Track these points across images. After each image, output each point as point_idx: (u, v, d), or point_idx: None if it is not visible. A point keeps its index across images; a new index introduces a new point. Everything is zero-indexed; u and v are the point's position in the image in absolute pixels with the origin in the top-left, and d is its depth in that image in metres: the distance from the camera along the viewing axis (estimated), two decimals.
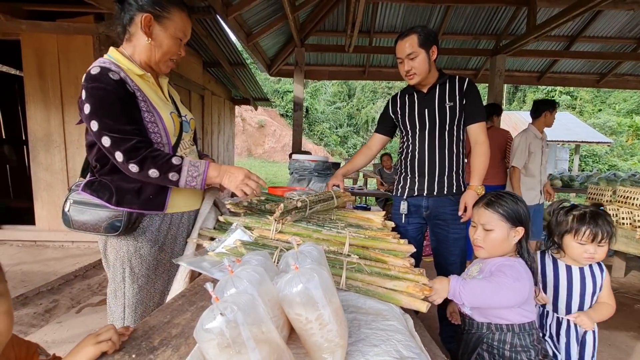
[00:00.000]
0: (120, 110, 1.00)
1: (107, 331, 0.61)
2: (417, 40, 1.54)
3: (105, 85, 0.99)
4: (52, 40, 3.55)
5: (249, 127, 18.72)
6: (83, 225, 1.05)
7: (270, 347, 0.52)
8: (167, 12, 1.06)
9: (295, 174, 2.32)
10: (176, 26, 1.09)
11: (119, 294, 1.11)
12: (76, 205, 1.05)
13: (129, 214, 1.04)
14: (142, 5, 1.04)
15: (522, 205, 1.12)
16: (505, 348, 1.07)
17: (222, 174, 1.09)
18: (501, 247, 1.12)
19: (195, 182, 1.05)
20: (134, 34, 1.07)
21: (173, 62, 1.15)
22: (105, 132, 0.98)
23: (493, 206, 1.12)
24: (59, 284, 2.84)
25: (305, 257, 0.69)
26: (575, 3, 3.58)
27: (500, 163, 3.45)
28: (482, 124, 1.65)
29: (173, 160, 1.03)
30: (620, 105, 20.96)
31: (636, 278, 3.37)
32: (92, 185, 1.07)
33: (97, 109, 0.98)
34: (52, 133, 3.67)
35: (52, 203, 3.76)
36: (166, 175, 1.01)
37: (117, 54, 1.09)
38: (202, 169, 1.05)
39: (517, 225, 1.10)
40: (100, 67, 1.01)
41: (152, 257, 1.12)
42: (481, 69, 6.52)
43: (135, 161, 0.99)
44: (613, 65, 6.28)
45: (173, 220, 1.16)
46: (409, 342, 0.70)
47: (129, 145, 0.98)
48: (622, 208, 3.08)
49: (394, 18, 5.36)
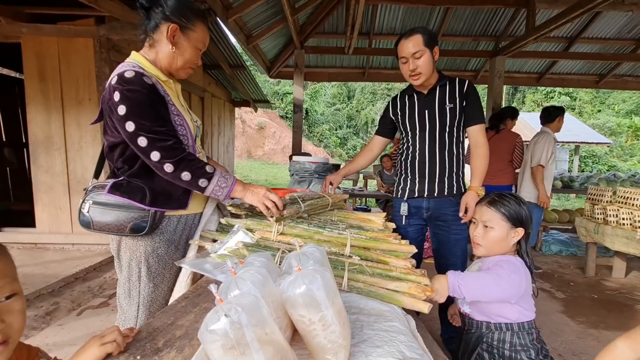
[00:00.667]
0: (156, 113, 1.04)
1: (111, 333, 0.62)
2: (422, 39, 1.55)
3: (141, 88, 1.02)
4: (53, 43, 3.56)
5: (249, 128, 18.74)
6: (106, 226, 1.06)
7: (274, 347, 0.52)
8: (192, 24, 1.11)
9: (296, 176, 2.32)
10: (198, 37, 1.14)
11: (134, 293, 1.13)
12: (97, 207, 1.07)
13: (154, 214, 1.08)
14: (169, 16, 1.07)
15: (525, 208, 1.14)
16: (504, 347, 1.07)
17: (245, 190, 1.14)
18: (499, 246, 1.14)
19: (221, 193, 1.09)
20: (158, 41, 1.11)
21: (191, 70, 1.21)
22: (142, 132, 1.01)
23: (496, 205, 1.14)
24: (60, 286, 2.84)
25: (308, 259, 0.69)
26: (575, 4, 3.59)
27: (508, 164, 3.48)
28: (481, 126, 1.66)
29: (207, 168, 1.07)
30: (620, 106, 20.99)
31: (637, 279, 3.36)
32: (121, 187, 1.08)
33: (134, 110, 1.01)
34: (52, 135, 3.67)
35: (53, 205, 3.76)
36: (197, 181, 1.06)
37: (141, 59, 1.12)
38: (230, 182, 1.11)
39: (517, 226, 1.12)
40: (134, 71, 1.04)
41: (169, 257, 1.16)
42: (481, 70, 6.54)
43: (171, 161, 1.02)
44: (612, 66, 6.29)
45: (187, 221, 1.21)
46: (412, 343, 0.70)
47: (166, 145, 1.02)
48: (623, 209, 3.08)
49: (393, 20, 5.37)
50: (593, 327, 2.43)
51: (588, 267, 3.52)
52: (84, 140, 3.68)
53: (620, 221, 3.07)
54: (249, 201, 1.14)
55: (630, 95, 20.49)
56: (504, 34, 5.45)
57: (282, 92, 21.18)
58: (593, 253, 3.51)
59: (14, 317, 0.54)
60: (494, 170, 3.48)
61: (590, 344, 2.20)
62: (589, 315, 2.61)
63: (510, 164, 3.48)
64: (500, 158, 3.41)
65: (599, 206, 3.34)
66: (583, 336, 2.30)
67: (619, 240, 3.04)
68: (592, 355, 2.08)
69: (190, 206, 1.19)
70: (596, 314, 2.64)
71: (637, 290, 3.14)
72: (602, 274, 3.52)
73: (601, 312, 2.67)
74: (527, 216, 1.12)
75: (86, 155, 3.69)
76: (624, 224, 3.03)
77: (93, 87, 3.57)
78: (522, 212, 1.12)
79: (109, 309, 2.52)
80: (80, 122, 3.65)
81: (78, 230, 3.77)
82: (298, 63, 5.55)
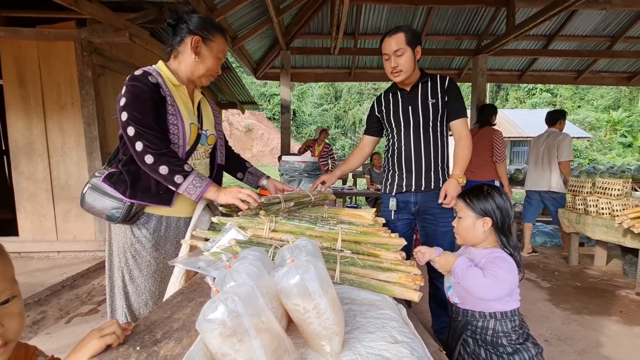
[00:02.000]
0: (150, 108, 1.13)
1: (110, 325, 0.62)
2: (404, 38, 1.60)
3: (142, 85, 1.13)
4: (33, 47, 3.48)
5: (237, 131, 18.62)
6: (91, 208, 1.19)
7: (271, 334, 0.54)
8: (213, 36, 1.24)
9: (286, 176, 2.33)
10: (218, 47, 1.27)
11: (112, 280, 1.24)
12: (91, 191, 1.20)
13: (128, 207, 1.16)
14: (192, 30, 1.21)
15: (492, 200, 1.18)
16: (487, 334, 1.13)
17: (218, 192, 1.20)
18: (469, 235, 1.22)
19: (194, 192, 1.16)
20: (182, 52, 1.24)
21: (213, 77, 1.33)
22: (132, 122, 1.10)
23: (463, 197, 1.24)
24: (46, 294, 2.78)
25: (301, 251, 0.71)
26: (552, 3, 3.72)
27: (488, 159, 3.60)
28: (464, 120, 1.71)
29: (185, 167, 1.14)
30: (598, 102, 21.73)
31: (617, 266, 3.50)
32: (111, 177, 1.20)
33: (131, 102, 1.12)
34: (34, 141, 3.58)
35: (36, 213, 3.67)
36: (173, 176, 1.12)
37: (162, 66, 1.25)
38: (204, 183, 1.17)
39: (483, 216, 1.19)
40: (143, 71, 1.17)
41: (147, 253, 1.22)
42: (464, 68, 6.68)
43: (152, 153, 1.10)
44: (589, 62, 6.52)
45: (171, 223, 1.26)
46: (403, 329, 0.73)
47: (151, 137, 1.10)
48: (602, 199, 3.20)
49: (378, 20, 5.44)
50: (577, 313, 2.52)
51: (571, 256, 3.65)
52: (67, 146, 3.60)
53: (600, 211, 3.19)
54: (223, 201, 1.19)
55: (607, 91, 21.23)
56: (485, 33, 5.58)
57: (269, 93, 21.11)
58: (575, 243, 3.63)
59: (13, 320, 0.54)
60: (474, 165, 3.62)
61: (575, 329, 2.29)
62: (572, 302, 2.71)
63: (491, 159, 3.59)
64: (479, 153, 3.55)
65: (580, 197, 3.46)
66: (567, 322, 2.39)
67: (599, 229, 3.16)
68: (576, 340, 2.17)
69: (175, 206, 1.24)
70: (579, 300, 2.74)
71: (617, 276, 3.27)
72: (584, 263, 3.65)
73: (584, 298, 2.77)
74: (493, 207, 1.18)
75: (70, 160, 3.62)
76: (603, 214, 3.15)
77: (75, 91, 3.50)
78: (486, 204, 1.18)
79: (99, 315, 2.47)
80: (63, 127, 3.57)
81: (63, 238, 3.69)
82: (284, 64, 5.56)
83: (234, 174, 1.58)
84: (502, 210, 1.18)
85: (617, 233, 2.93)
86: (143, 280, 1.22)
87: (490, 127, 3.69)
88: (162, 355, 0.60)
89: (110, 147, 3.73)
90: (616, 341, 2.15)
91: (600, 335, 2.21)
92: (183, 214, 1.28)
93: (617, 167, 6.35)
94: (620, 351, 2.04)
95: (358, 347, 0.66)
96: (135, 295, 1.22)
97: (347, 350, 0.65)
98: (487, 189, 1.22)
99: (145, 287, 1.23)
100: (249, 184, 1.59)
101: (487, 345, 1.13)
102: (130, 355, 0.60)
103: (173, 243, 1.27)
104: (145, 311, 1.22)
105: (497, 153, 3.55)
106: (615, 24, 5.56)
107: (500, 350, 1.11)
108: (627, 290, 2.91)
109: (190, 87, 1.31)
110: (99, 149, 3.53)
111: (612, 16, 5.36)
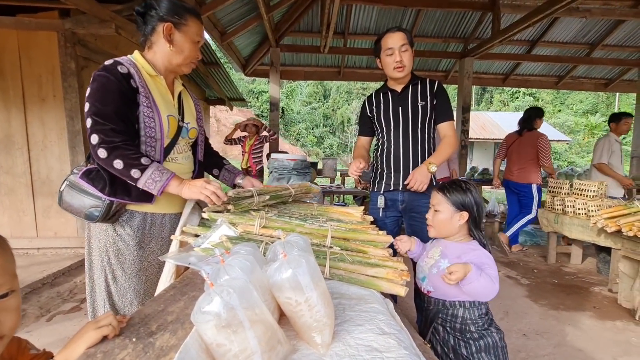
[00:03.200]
0: (113, 99, 1.06)
1: (106, 317, 0.63)
2: (407, 37, 1.69)
3: (109, 75, 1.07)
4: (12, 37, 3.35)
5: (224, 127, 18.38)
6: (69, 207, 1.13)
7: (264, 326, 0.56)
8: (185, 19, 1.16)
9: (275, 173, 2.34)
10: (193, 31, 1.19)
11: (98, 283, 1.18)
12: (69, 188, 1.13)
13: (108, 205, 1.10)
14: (163, 16, 1.13)
15: (470, 195, 1.24)
16: (457, 321, 1.20)
17: (182, 186, 1.11)
18: (445, 227, 1.26)
19: (154, 187, 1.07)
20: (156, 42, 1.17)
21: (194, 64, 1.25)
22: (91, 114, 1.04)
23: (443, 191, 1.27)
24: (26, 292, 2.70)
25: (293, 247, 0.73)
26: (535, 9, 3.84)
27: (530, 162, 3.79)
28: (451, 122, 1.79)
29: (142, 160, 1.06)
30: (577, 106, 22.51)
31: (591, 264, 3.66)
32: (89, 174, 1.13)
33: (94, 93, 1.06)
34: (13, 134, 3.46)
35: (15, 209, 3.55)
36: (129, 170, 1.04)
37: (137, 55, 1.19)
38: (165, 177, 1.08)
39: (461, 210, 1.23)
40: (113, 60, 1.11)
41: (129, 252, 1.18)
42: (451, 70, 6.81)
43: (105, 146, 1.03)
44: (569, 68, 6.76)
45: (154, 220, 1.22)
46: (390, 321, 0.76)
47: (106, 129, 1.03)
48: (578, 199, 3.34)
49: (367, 20, 5.49)
50: (554, 308, 2.63)
51: (549, 255, 3.79)
52: (49, 139, 3.49)
53: (577, 211, 3.32)
54: (187, 196, 1.11)
55: (586, 96, 22.01)
56: (472, 36, 5.71)
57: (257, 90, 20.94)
58: (554, 242, 3.78)
59: (10, 314, 0.54)
60: (514, 167, 3.89)
61: (551, 324, 2.39)
62: (550, 298, 2.82)
63: (532, 163, 3.78)
64: (522, 157, 3.80)
65: (558, 198, 3.59)
66: (545, 317, 2.49)
67: (576, 228, 3.29)
68: (552, 334, 2.26)
69: (158, 202, 1.19)
70: (556, 296, 2.85)
71: (591, 274, 3.42)
72: (562, 261, 3.80)
73: (560, 295, 2.89)
74: (470, 202, 1.23)
75: (51, 155, 3.51)
76: (580, 214, 3.28)
77: (58, 83, 3.40)
78: (465, 198, 1.23)
79: (82, 313, 2.42)
80: (44, 120, 3.47)
81: (44, 234, 3.59)
82: (273, 61, 5.54)
83: (209, 171, 1.51)
84: (478, 206, 1.24)
85: (592, 232, 3.06)
86: (127, 280, 1.18)
87: (535, 131, 3.85)
88: (158, 346, 0.61)
89: None
90: (589, 335, 2.26)
91: (575, 330, 2.31)
92: (168, 210, 1.24)
93: None
94: (593, 344, 2.15)
95: (347, 339, 0.69)
96: (119, 296, 1.18)
97: (337, 342, 0.68)
98: (465, 184, 1.27)
99: (129, 287, 1.18)
100: (225, 181, 1.51)
101: (455, 332, 1.20)
102: (126, 346, 0.61)
103: (158, 240, 1.23)
104: (130, 310, 1.19)
105: (543, 157, 3.73)
106: (594, 31, 5.79)
107: (467, 337, 1.18)
108: (601, 287, 3.05)
109: (169, 77, 1.24)
110: (82, 143, 3.45)
111: (591, 24, 5.57)
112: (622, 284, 2.67)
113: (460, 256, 1.22)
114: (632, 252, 2.56)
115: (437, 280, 1.22)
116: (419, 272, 1.36)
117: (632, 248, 2.59)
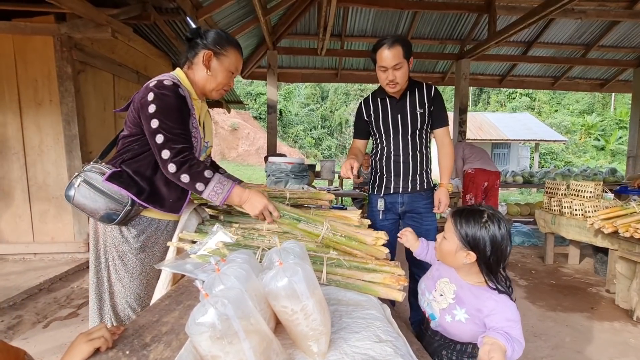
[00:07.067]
0: (179, 117, 1.16)
1: (99, 329, 0.62)
2: (402, 51, 1.62)
3: (174, 95, 1.15)
4: (8, 41, 3.34)
5: (222, 130, 18.36)
6: (82, 206, 1.14)
7: (260, 336, 0.55)
8: (225, 50, 1.26)
9: (272, 176, 2.34)
10: (230, 62, 1.28)
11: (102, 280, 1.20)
12: (85, 186, 1.14)
13: (128, 210, 1.14)
14: (206, 44, 1.24)
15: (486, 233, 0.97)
16: (465, 353, 1.09)
17: (243, 200, 1.20)
18: (447, 259, 1.08)
19: (217, 199, 1.16)
20: (196, 65, 1.26)
21: (224, 91, 1.35)
22: (162, 130, 1.12)
23: (455, 218, 1.04)
24: (22, 298, 2.68)
25: (288, 254, 0.73)
26: (531, 11, 3.87)
27: None
28: (447, 128, 1.83)
29: (205, 173, 1.15)
30: (574, 106, 22.62)
31: (589, 264, 3.67)
32: (120, 177, 1.15)
33: (162, 110, 1.13)
34: (9, 139, 3.44)
35: (11, 214, 3.53)
36: (194, 183, 1.13)
37: (181, 74, 1.27)
38: (226, 189, 1.17)
39: (468, 248, 0.99)
40: (172, 82, 1.18)
41: (133, 254, 1.20)
42: (447, 72, 6.84)
43: (176, 161, 1.11)
44: (565, 69, 6.80)
45: (160, 225, 1.25)
46: (387, 328, 0.76)
47: (178, 146, 1.12)
48: (575, 200, 3.35)
49: (364, 22, 5.50)
50: (551, 310, 2.63)
51: (547, 255, 3.80)
52: (45, 144, 3.48)
53: (574, 212, 3.33)
54: (248, 210, 1.21)
55: (582, 96, 22.14)
56: (468, 38, 5.74)
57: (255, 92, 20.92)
58: (551, 242, 3.79)
59: None
60: None
61: (549, 325, 2.39)
62: (548, 299, 2.83)
63: None
64: None
65: (555, 199, 3.61)
66: (542, 319, 2.50)
67: (573, 229, 3.30)
68: (550, 336, 2.26)
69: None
70: (554, 298, 2.86)
71: (589, 274, 3.43)
72: (559, 262, 3.81)
73: (558, 296, 2.90)
74: (483, 241, 0.96)
75: (48, 159, 3.49)
76: (577, 215, 3.30)
77: (54, 87, 3.39)
78: (477, 235, 0.97)
79: (79, 319, 2.41)
80: (41, 124, 3.45)
81: (40, 239, 3.57)
82: (271, 64, 5.55)
83: None
84: (494, 245, 0.96)
85: (589, 233, 3.07)
86: (129, 281, 1.21)
87: None
88: (152, 358, 0.60)
89: (91, 145, 3.63)
90: (587, 336, 2.26)
91: (573, 331, 2.32)
92: (174, 217, 1.27)
93: (590, 169, 6.64)
94: (591, 346, 2.15)
95: (344, 347, 0.69)
96: (121, 296, 1.20)
97: (333, 350, 0.67)
98: (486, 216, 0.99)
99: (131, 289, 1.21)
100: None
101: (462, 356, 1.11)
102: (119, 359, 0.60)
103: (161, 246, 1.26)
104: (130, 313, 1.21)
105: None
106: (589, 33, 5.83)
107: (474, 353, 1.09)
108: (598, 288, 3.06)
109: (201, 99, 1.34)
110: (79, 148, 3.43)
111: (586, 25, 5.61)
112: (619, 285, 2.68)
113: (481, 309, 0.99)
114: (629, 253, 2.57)
115: (451, 329, 1.06)
116: (425, 307, 1.17)
117: (628, 249, 2.60)
